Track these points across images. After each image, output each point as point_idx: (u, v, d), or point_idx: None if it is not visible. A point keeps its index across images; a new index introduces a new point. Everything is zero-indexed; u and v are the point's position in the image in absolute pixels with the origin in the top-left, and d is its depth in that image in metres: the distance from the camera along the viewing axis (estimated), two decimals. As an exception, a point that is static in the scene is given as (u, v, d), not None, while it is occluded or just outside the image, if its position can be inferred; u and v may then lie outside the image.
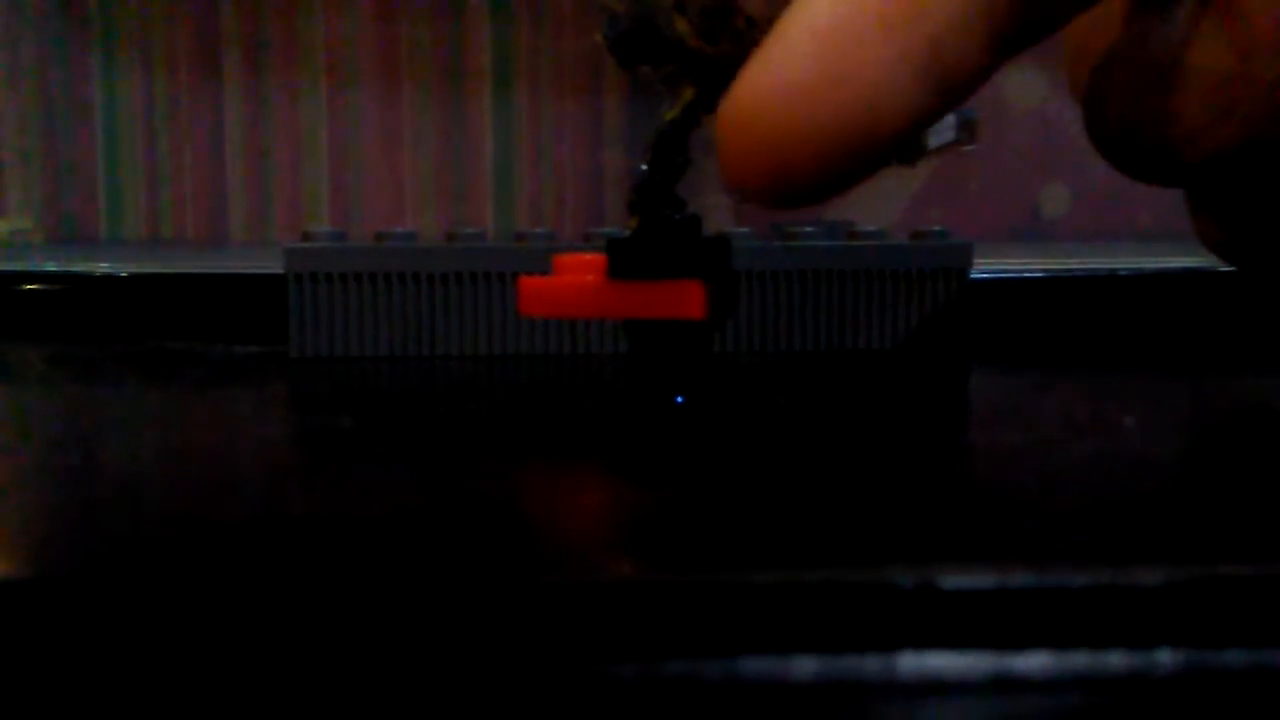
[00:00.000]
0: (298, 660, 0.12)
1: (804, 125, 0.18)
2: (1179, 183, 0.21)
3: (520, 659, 0.12)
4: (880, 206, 0.39)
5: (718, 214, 0.37)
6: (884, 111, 0.18)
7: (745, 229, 0.28)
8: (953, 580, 0.12)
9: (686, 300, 0.20)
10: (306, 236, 0.27)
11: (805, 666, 0.12)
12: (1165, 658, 0.12)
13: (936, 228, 0.28)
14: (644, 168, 0.21)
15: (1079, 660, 0.12)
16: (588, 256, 0.21)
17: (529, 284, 0.22)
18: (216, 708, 0.12)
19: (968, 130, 0.40)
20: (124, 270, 0.31)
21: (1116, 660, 0.12)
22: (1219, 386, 0.25)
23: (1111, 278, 0.31)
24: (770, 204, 0.19)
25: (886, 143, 0.18)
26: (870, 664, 0.12)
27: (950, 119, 0.34)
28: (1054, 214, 0.40)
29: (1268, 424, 0.20)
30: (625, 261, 0.20)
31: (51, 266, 0.32)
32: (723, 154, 0.19)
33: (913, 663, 0.12)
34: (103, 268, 0.32)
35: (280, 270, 0.26)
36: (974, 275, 0.28)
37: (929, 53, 0.18)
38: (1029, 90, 0.40)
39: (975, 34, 0.18)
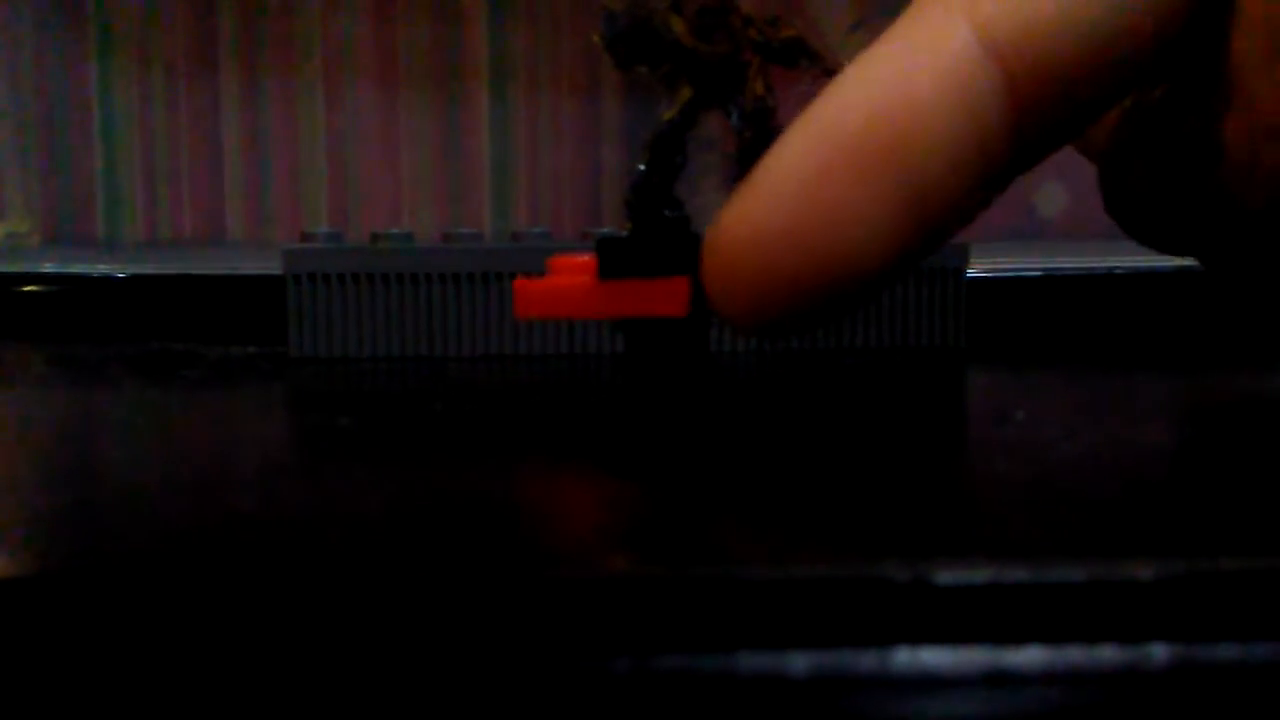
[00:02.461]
0: (296, 655, 0.12)
1: (784, 272, 0.17)
2: (1195, 254, 0.21)
3: (517, 654, 0.12)
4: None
5: (715, 212, 0.37)
6: (863, 255, 0.17)
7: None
8: (947, 576, 0.12)
9: (673, 298, 0.20)
10: (305, 237, 0.27)
11: (800, 662, 0.12)
12: (1159, 652, 0.12)
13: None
14: (641, 168, 0.21)
15: (1073, 655, 0.12)
16: (581, 257, 0.21)
17: (523, 287, 0.22)
18: (215, 704, 0.12)
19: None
20: (122, 271, 0.31)
21: (1110, 655, 0.12)
22: (1213, 382, 0.25)
23: (1108, 276, 0.31)
24: (761, 337, 0.18)
25: (870, 283, 0.18)
26: (865, 659, 0.12)
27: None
28: (1050, 213, 0.40)
29: (1260, 419, 0.20)
30: (613, 261, 0.20)
31: (50, 268, 0.32)
32: (709, 291, 0.18)
33: (907, 658, 0.12)
34: (101, 269, 0.32)
35: (278, 271, 0.26)
36: (970, 274, 0.28)
37: (912, 195, 0.17)
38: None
39: (965, 172, 0.17)
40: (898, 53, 0.18)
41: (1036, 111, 0.18)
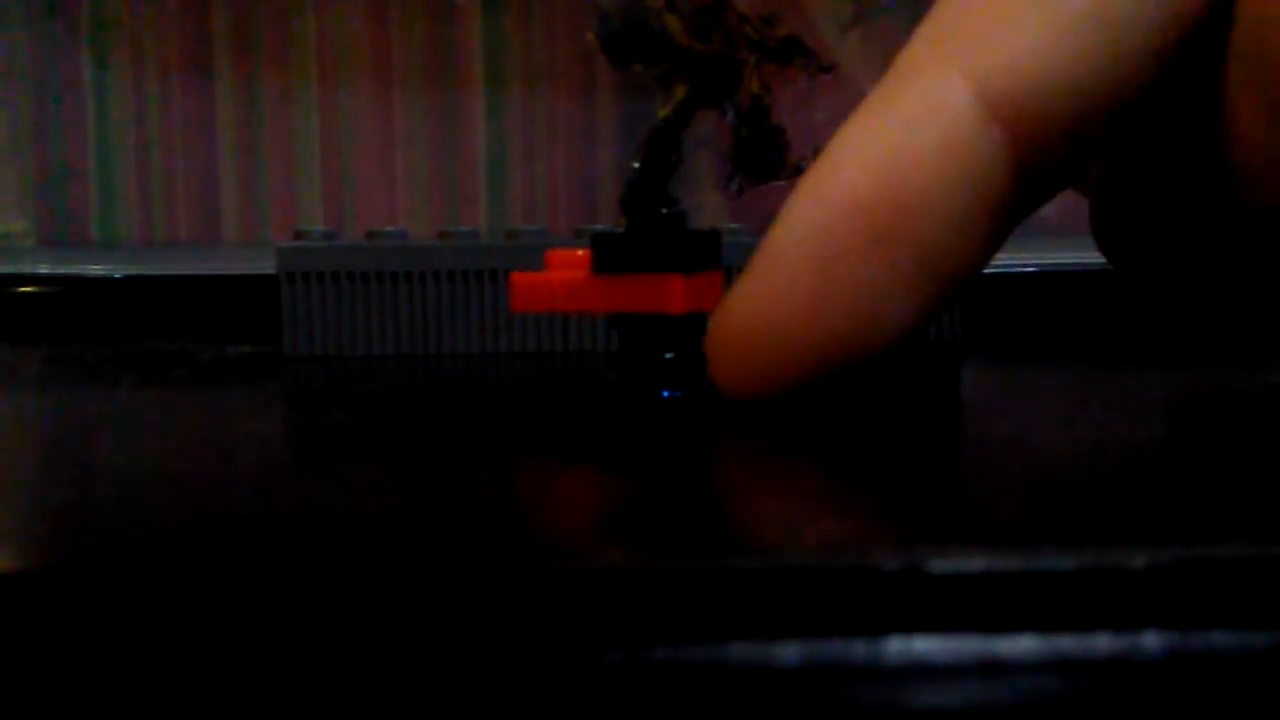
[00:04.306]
0: (290, 649, 0.12)
1: (801, 351, 0.17)
2: (1181, 283, 0.21)
3: (508, 646, 0.12)
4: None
5: (711, 210, 0.37)
6: (880, 323, 0.17)
7: (737, 224, 0.28)
8: (939, 564, 0.12)
9: (667, 295, 0.20)
10: (299, 236, 0.27)
11: (792, 652, 0.12)
12: (1152, 640, 0.12)
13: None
14: (637, 165, 0.21)
15: (1065, 644, 0.12)
16: (579, 252, 0.21)
17: (519, 280, 0.22)
18: (213, 700, 0.12)
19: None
20: (117, 272, 0.31)
21: (1103, 643, 0.12)
22: (1207, 376, 0.25)
23: (1105, 272, 0.31)
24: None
25: (887, 346, 0.18)
26: (857, 649, 0.12)
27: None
28: (1047, 210, 0.40)
29: (1254, 412, 0.20)
30: (608, 256, 0.21)
31: (45, 268, 0.32)
32: (717, 374, 0.18)
33: (899, 647, 0.12)
34: (96, 269, 0.32)
35: (273, 270, 0.26)
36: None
37: (921, 258, 0.17)
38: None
39: (974, 232, 0.17)
40: (897, 118, 0.17)
41: (1039, 164, 0.18)
